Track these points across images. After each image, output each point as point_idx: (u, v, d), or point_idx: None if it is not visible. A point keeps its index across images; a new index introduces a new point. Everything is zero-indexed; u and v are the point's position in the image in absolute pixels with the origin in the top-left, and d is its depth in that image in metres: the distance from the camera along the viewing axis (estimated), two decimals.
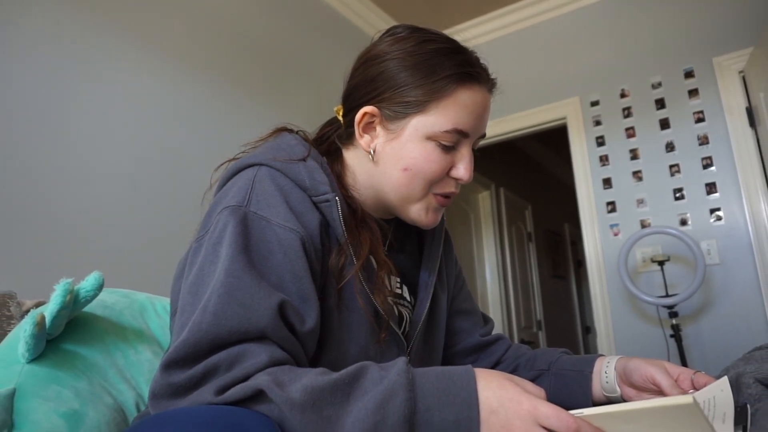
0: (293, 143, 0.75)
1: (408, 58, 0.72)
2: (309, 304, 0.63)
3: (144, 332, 0.93)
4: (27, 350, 0.71)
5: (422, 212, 0.76)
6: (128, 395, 0.82)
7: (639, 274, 2.75)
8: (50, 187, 1.61)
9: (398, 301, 0.80)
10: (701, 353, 2.52)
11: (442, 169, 0.73)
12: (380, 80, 0.73)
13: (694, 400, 0.46)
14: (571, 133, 3.03)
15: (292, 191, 0.68)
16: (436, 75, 0.71)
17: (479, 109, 0.74)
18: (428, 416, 0.51)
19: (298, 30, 2.73)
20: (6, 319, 1.16)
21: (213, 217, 0.66)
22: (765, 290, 2.41)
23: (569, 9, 3.14)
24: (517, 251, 4.46)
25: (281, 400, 0.50)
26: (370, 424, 0.49)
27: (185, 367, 0.54)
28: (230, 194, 0.67)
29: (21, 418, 0.67)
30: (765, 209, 2.47)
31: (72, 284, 0.75)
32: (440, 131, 0.71)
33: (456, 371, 0.55)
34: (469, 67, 0.73)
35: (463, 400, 0.51)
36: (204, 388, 0.53)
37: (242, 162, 0.72)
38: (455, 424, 0.51)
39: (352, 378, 0.53)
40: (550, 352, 0.90)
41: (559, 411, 0.50)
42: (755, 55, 2.45)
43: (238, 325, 0.55)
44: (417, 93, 0.71)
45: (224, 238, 0.61)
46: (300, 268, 0.63)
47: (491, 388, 0.53)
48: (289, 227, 0.64)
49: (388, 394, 0.51)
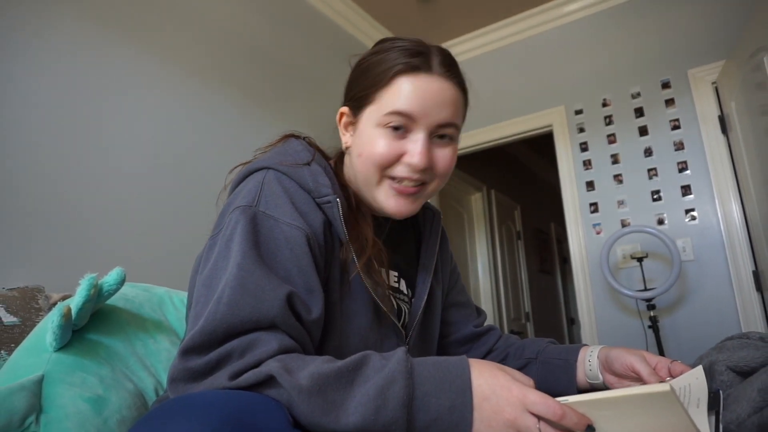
0: (299, 149, 0.75)
1: (365, 60, 0.76)
2: (314, 296, 0.63)
3: (162, 323, 0.93)
4: (54, 340, 0.71)
5: (384, 199, 0.74)
6: (148, 381, 0.82)
7: (620, 269, 2.75)
8: (76, 190, 1.61)
9: (396, 295, 0.80)
10: (677, 343, 2.52)
11: (391, 152, 0.71)
12: (350, 82, 0.78)
13: (671, 388, 0.46)
14: (557, 140, 3.03)
15: (297, 193, 0.69)
16: (379, 68, 0.72)
17: (423, 93, 0.70)
18: (425, 401, 0.51)
19: (305, 45, 2.73)
20: (35, 311, 1.16)
21: (226, 217, 0.66)
22: (736, 284, 2.41)
23: (555, 25, 3.14)
24: (507, 249, 4.46)
25: (290, 385, 0.50)
26: (372, 408, 0.50)
27: (202, 354, 0.54)
28: (241, 195, 0.67)
29: (49, 402, 0.67)
30: (736, 210, 2.47)
31: (96, 279, 0.75)
32: (383, 114, 0.70)
33: (451, 361, 0.55)
34: (415, 58, 0.71)
35: (457, 387, 0.52)
36: (219, 373, 0.53)
37: (252, 166, 0.73)
38: (450, 410, 0.51)
39: (355, 366, 0.53)
40: (538, 341, 0.90)
41: (546, 398, 0.50)
42: (727, 68, 2.45)
43: (250, 314, 0.55)
44: (365, 87, 0.73)
45: (236, 235, 0.61)
46: (305, 262, 0.63)
47: (484, 377, 0.53)
48: (295, 225, 0.64)
49: (389, 380, 0.51)
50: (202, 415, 0.45)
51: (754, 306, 2.35)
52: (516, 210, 4.83)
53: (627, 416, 0.49)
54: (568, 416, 0.49)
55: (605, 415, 0.50)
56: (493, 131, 3.25)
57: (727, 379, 0.65)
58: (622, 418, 0.50)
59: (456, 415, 0.51)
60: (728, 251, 2.45)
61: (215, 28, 2.23)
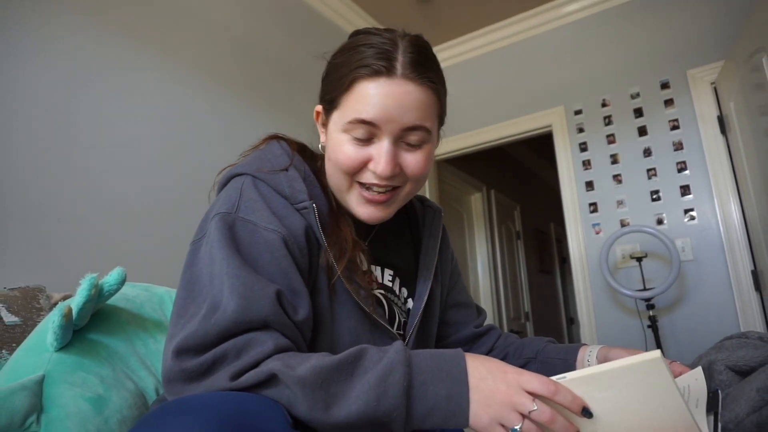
0: (278, 153, 0.75)
1: (332, 59, 0.74)
2: (299, 296, 0.63)
3: (163, 323, 0.93)
4: (55, 339, 0.71)
5: (354, 206, 0.73)
6: (148, 381, 0.82)
7: (619, 269, 2.75)
8: (77, 190, 1.61)
9: (388, 295, 0.80)
10: (676, 342, 2.52)
11: (356, 160, 0.69)
12: (322, 80, 0.75)
13: (660, 355, 0.48)
14: (557, 140, 3.03)
15: (274, 198, 0.69)
16: (340, 72, 0.70)
17: (385, 99, 0.66)
18: (423, 390, 0.52)
19: (304, 44, 2.73)
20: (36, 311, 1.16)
21: (207, 223, 0.67)
22: (735, 284, 2.41)
23: (555, 25, 3.14)
24: (507, 248, 4.46)
25: (292, 380, 0.51)
26: (374, 396, 0.51)
27: (197, 354, 0.54)
28: (220, 202, 0.68)
29: (50, 402, 0.67)
30: (735, 210, 2.47)
31: (97, 279, 0.75)
32: (346, 122, 0.68)
33: (447, 353, 0.56)
34: (372, 61, 0.66)
35: (454, 377, 0.53)
36: (218, 374, 0.53)
37: (233, 171, 0.73)
38: (447, 399, 0.52)
39: (354, 358, 0.54)
40: (537, 341, 0.89)
41: (540, 377, 0.52)
42: (726, 68, 2.45)
43: (242, 316, 0.56)
44: (330, 91, 0.72)
45: (217, 241, 0.62)
46: (286, 264, 0.64)
47: (479, 361, 0.55)
48: (271, 228, 0.65)
49: (388, 369, 0.52)
50: (200, 417, 0.45)
51: (752, 306, 2.35)
52: (515, 210, 4.83)
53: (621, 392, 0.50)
54: (562, 393, 0.51)
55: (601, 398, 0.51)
56: (493, 131, 3.25)
57: (726, 379, 0.65)
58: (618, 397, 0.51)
59: (453, 403, 0.52)
60: (727, 251, 2.45)
61: (215, 28, 2.23)
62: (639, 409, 0.50)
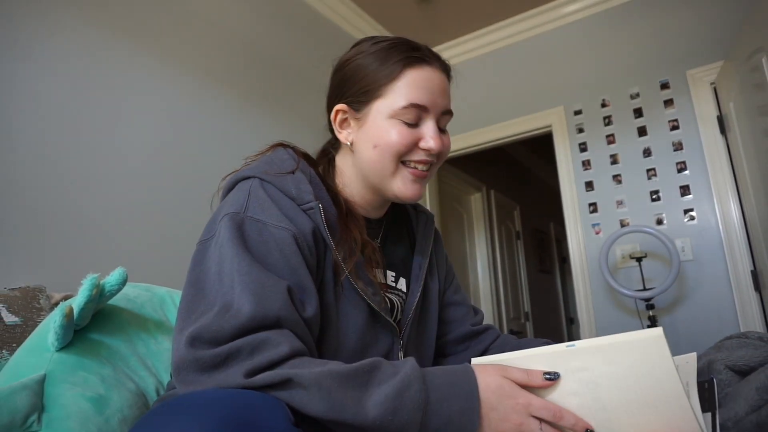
0: (285, 158, 0.77)
1: (364, 56, 0.77)
2: (307, 293, 0.64)
3: (164, 323, 0.93)
4: (56, 339, 0.71)
5: (401, 185, 0.77)
6: (149, 381, 0.82)
7: (618, 269, 2.75)
8: (78, 190, 1.61)
9: (392, 292, 0.82)
10: (675, 342, 2.52)
11: (408, 141, 0.74)
12: (345, 80, 0.79)
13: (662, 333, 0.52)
14: (556, 140, 3.03)
15: (282, 199, 0.70)
16: (386, 62, 0.75)
17: (431, 84, 0.75)
18: (438, 406, 0.55)
19: (304, 45, 2.73)
20: (36, 311, 1.16)
21: (216, 224, 0.67)
22: (734, 284, 2.41)
23: (555, 26, 3.14)
24: (507, 248, 4.46)
25: (310, 383, 0.52)
26: (390, 408, 0.53)
27: (211, 346, 0.54)
28: (229, 203, 0.69)
29: (51, 401, 0.67)
30: (734, 210, 2.47)
31: (98, 279, 0.76)
32: (398, 108, 0.73)
33: (457, 369, 0.59)
34: (415, 52, 0.75)
35: (466, 393, 0.56)
36: (232, 369, 0.53)
37: (240, 174, 0.74)
38: (459, 413, 0.55)
39: (369, 368, 0.56)
40: (535, 342, 0.90)
41: (547, 402, 0.56)
42: (725, 68, 2.45)
43: (255, 312, 0.56)
44: (373, 81, 0.75)
45: (227, 239, 0.62)
46: (295, 261, 0.64)
47: (490, 388, 0.57)
48: (282, 226, 0.66)
49: (405, 384, 0.54)
50: (201, 414, 0.45)
51: (752, 305, 2.35)
52: (515, 210, 4.83)
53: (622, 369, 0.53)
54: (566, 417, 0.55)
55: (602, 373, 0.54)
56: (493, 132, 3.25)
57: (726, 378, 0.65)
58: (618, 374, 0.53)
59: (465, 417, 0.55)
60: (727, 251, 2.45)
61: (217, 30, 2.23)
62: (637, 388, 0.53)
